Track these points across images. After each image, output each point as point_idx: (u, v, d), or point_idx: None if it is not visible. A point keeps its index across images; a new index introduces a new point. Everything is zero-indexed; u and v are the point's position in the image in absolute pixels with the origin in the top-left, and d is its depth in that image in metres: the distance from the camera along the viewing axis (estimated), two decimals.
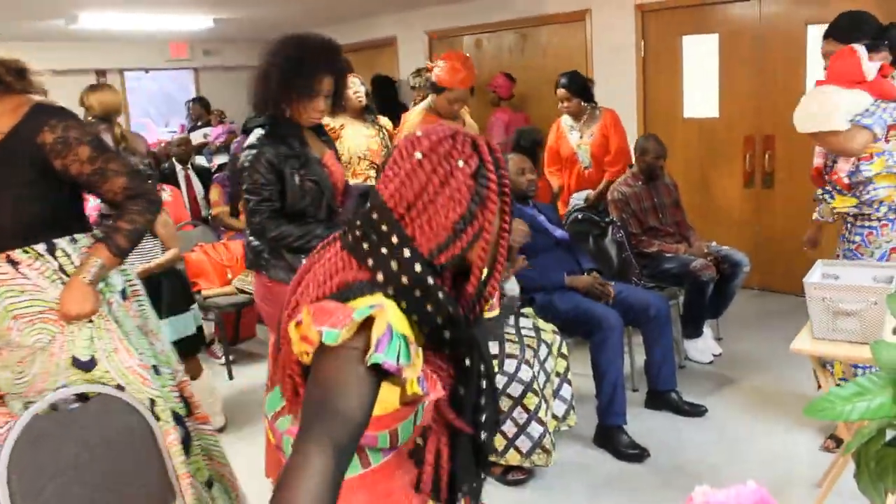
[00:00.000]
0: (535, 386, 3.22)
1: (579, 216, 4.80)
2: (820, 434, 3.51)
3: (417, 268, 1.37)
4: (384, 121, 4.88)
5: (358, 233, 1.41)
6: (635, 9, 6.39)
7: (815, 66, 5.52)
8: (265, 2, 7.12)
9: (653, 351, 3.96)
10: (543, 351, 3.34)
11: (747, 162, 5.98)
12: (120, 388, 2.31)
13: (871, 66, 3.24)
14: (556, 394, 3.41)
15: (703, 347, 4.66)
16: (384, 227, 1.39)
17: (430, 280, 1.37)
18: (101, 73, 9.76)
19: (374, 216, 1.40)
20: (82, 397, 2.28)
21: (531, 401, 3.20)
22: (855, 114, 3.20)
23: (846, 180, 3.36)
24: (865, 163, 3.31)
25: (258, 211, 2.82)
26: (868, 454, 1.37)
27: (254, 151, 2.81)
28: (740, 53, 5.90)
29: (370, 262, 1.38)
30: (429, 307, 1.37)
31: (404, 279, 1.36)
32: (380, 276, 1.37)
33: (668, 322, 3.96)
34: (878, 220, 3.37)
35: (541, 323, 3.49)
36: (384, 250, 1.38)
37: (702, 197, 6.21)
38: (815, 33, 5.43)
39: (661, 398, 3.99)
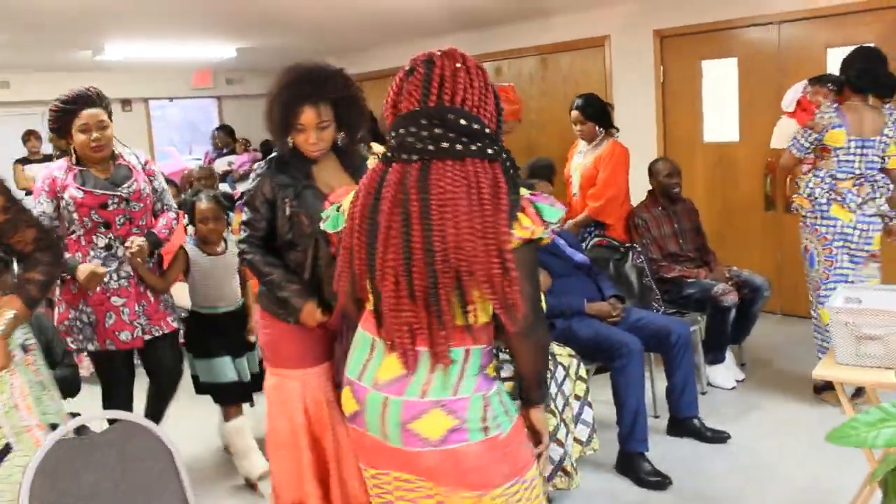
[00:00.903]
0: (553, 407, 3.19)
1: (600, 241, 4.77)
2: (846, 460, 3.45)
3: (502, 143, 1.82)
4: (377, 147, 4.86)
5: (464, 139, 1.74)
6: (654, 34, 6.41)
7: None
8: (286, 32, 7.21)
9: (674, 377, 3.92)
10: (560, 373, 3.31)
11: (768, 186, 5.94)
12: (7, 448, 2.21)
13: (788, 101, 4.32)
14: (577, 418, 3.37)
15: (725, 373, 4.61)
16: (476, 126, 1.75)
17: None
18: (126, 102, 9.91)
19: (463, 121, 1.74)
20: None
21: (549, 422, 3.17)
22: (790, 137, 4.19)
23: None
24: (803, 175, 4.24)
25: (242, 231, 2.81)
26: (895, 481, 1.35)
27: (255, 177, 2.80)
28: (760, 77, 5.89)
29: (491, 151, 1.76)
30: (513, 171, 1.80)
31: (504, 154, 1.79)
32: (503, 157, 1.78)
33: (689, 348, 3.93)
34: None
35: (555, 347, 3.46)
36: (488, 140, 1.76)
37: (722, 221, 6.18)
38: (835, 56, 5.42)
39: (682, 425, 3.95)
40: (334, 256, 2.27)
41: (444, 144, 1.72)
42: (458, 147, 1.72)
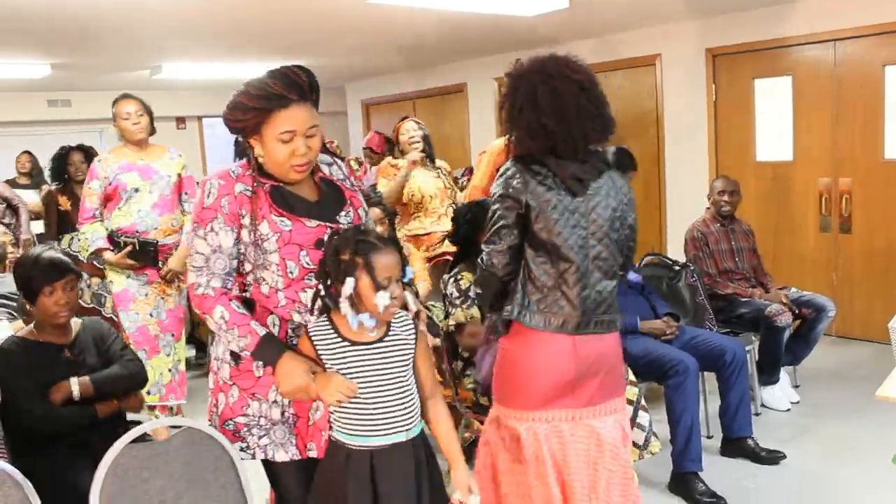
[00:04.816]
0: None
1: (653, 259, 4.76)
2: None
3: None
4: (440, 162, 5.10)
5: None
6: (706, 52, 6.39)
7: (893, 107, 5.42)
8: (338, 51, 7.32)
9: (728, 396, 3.87)
10: None
11: (823, 206, 5.87)
12: None
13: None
14: (632, 423, 3.35)
15: (779, 394, 4.55)
16: None
17: None
18: (180, 119, 10.16)
19: None
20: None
21: None
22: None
23: None
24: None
25: None
26: None
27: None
28: (815, 96, 5.83)
29: None
30: None
31: None
32: None
33: (745, 367, 3.88)
34: None
35: None
36: None
37: (775, 241, 6.10)
38: (894, 74, 5.35)
39: (736, 445, 3.91)
40: None
41: None
42: None
